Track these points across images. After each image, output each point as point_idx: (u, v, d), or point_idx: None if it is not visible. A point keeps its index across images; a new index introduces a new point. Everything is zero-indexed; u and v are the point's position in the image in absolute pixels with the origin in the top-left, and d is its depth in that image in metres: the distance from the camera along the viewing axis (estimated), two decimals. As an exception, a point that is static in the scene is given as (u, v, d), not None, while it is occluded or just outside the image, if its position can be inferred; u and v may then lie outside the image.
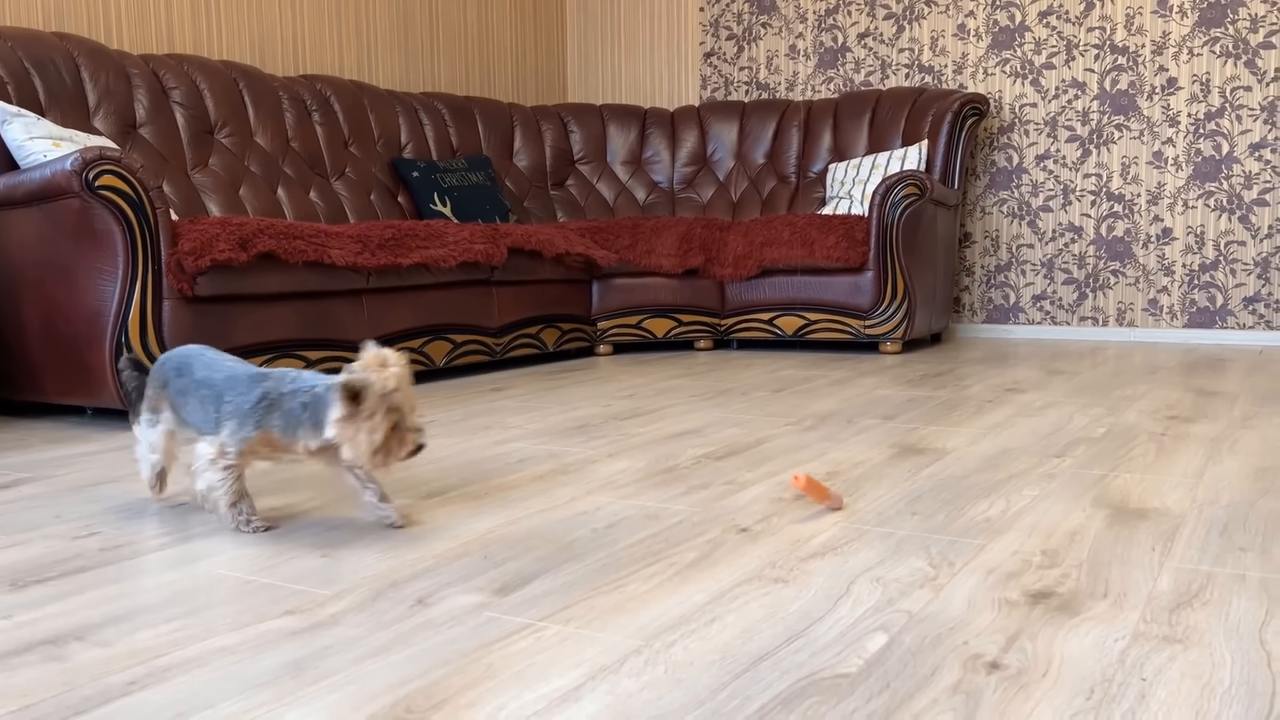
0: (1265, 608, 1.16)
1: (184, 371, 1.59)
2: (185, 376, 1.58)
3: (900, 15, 4.64)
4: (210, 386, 1.54)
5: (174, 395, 1.59)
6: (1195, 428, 2.27)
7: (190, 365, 1.59)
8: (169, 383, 1.61)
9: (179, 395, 1.58)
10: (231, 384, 1.53)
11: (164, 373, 1.62)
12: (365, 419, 1.44)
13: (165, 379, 1.61)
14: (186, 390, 1.57)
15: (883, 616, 1.16)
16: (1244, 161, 4.10)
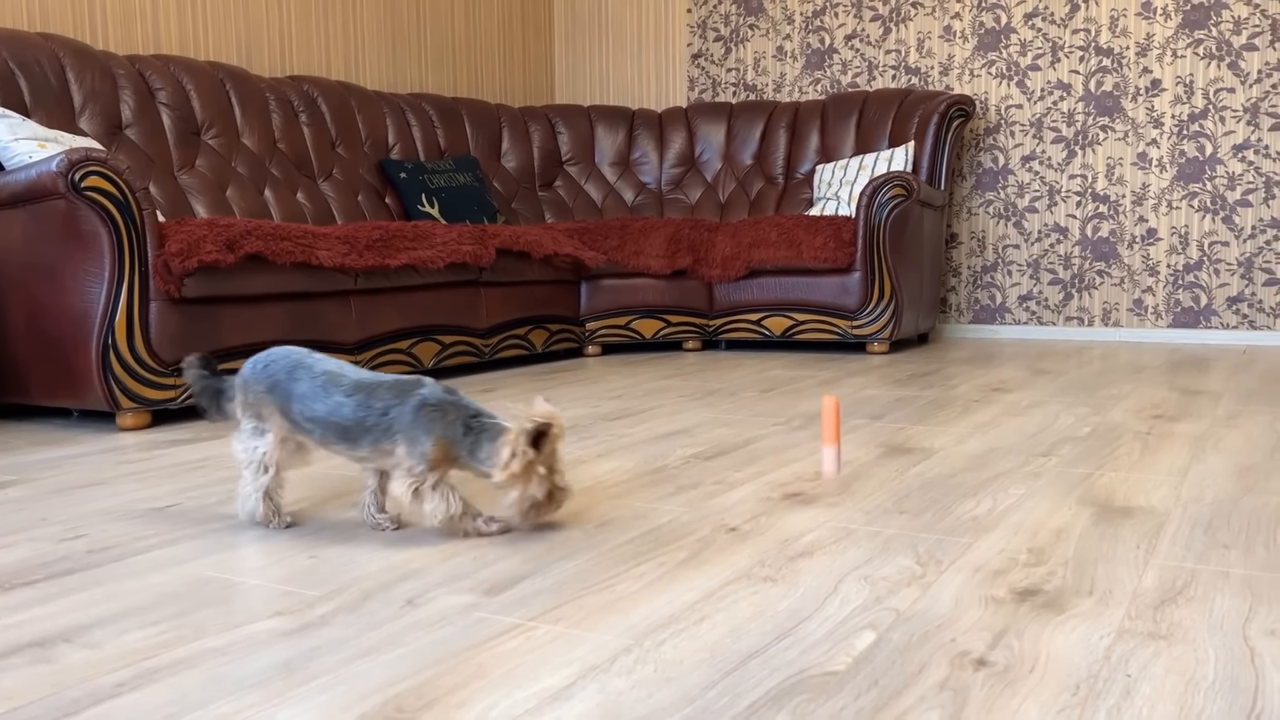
0: (1249, 604, 1.17)
1: (293, 394, 1.49)
2: (299, 380, 1.49)
3: (887, 17, 4.66)
4: (336, 409, 1.46)
5: (283, 399, 1.50)
6: (1180, 426, 2.29)
7: (300, 382, 1.50)
8: (277, 385, 1.50)
9: (293, 399, 1.49)
10: (361, 403, 1.46)
11: (270, 374, 1.51)
12: (536, 471, 1.44)
13: (273, 381, 1.51)
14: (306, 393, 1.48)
15: (871, 614, 1.16)
16: (1227, 163, 4.13)
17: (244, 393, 1.54)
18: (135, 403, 2.49)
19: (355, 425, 1.46)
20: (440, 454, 1.44)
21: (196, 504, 1.75)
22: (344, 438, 1.47)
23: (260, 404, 1.52)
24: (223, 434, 2.43)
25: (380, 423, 1.45)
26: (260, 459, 1.53)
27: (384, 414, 1.45)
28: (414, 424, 1.44)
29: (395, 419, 1.44)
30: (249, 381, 1.53)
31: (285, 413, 1.51)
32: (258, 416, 1.53)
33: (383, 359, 3.15)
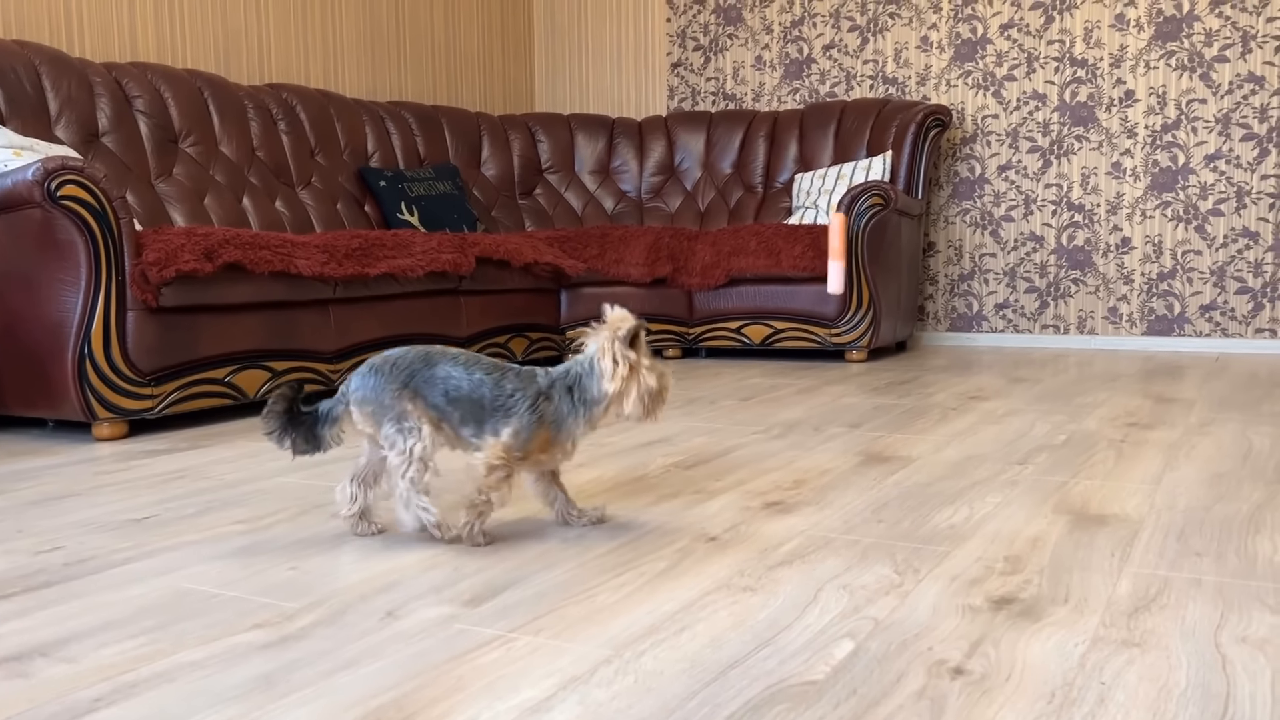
0: (1220, 611, 1.19)
1: (436, 376, 1.49)
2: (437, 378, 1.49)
3: (865, 28, 4.70)
4: (479, 385, 1.48)
5: (424, 385, 1.48)
6: (1154, 434, 2.32)
7: (439, 364, 1.50)
8: (415, 374, 1.49)
9: (436, 382, 1.48)
10: (496, 382, 1.49)
11: (403, 369, 1.50)
12: (642, 365, 1.49)
13: (410, 372, 1.49)
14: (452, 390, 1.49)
15: (849, 623, 1.17)
16: (1199, 172, 4.19)
17: (372, 403, 1.49)
18: (112, 413, 2.48)
19: (490, 403, 1.48)
20: (540, 442, 1.49)
21: (174, 515, 1.74)
22: (477, 417, 1.49)
23: (399, 402, 1.48)
24: (200, 445, 2.41)
25: (505, 405, 1.48)
26: (419, 457, 1.47)
27: (510, 395, 1.48)
28: (529, 411, 1.48)
29: (515, 404, 1.48)
30: (379, 387, 1.49)
31: (430, 399, 1.49)
32: (399, 418, 1.48)
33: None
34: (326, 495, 1.86)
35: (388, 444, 1.48)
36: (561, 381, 1.51)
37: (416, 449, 1.47)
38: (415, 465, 1.48)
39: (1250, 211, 4.12)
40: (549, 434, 1.49)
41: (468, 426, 1.49)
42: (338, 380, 3.06)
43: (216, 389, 2.71)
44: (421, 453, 1.48)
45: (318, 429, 1.53)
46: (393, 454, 1.48)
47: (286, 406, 1.53)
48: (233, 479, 2.02)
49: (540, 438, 1.49)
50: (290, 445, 1.53)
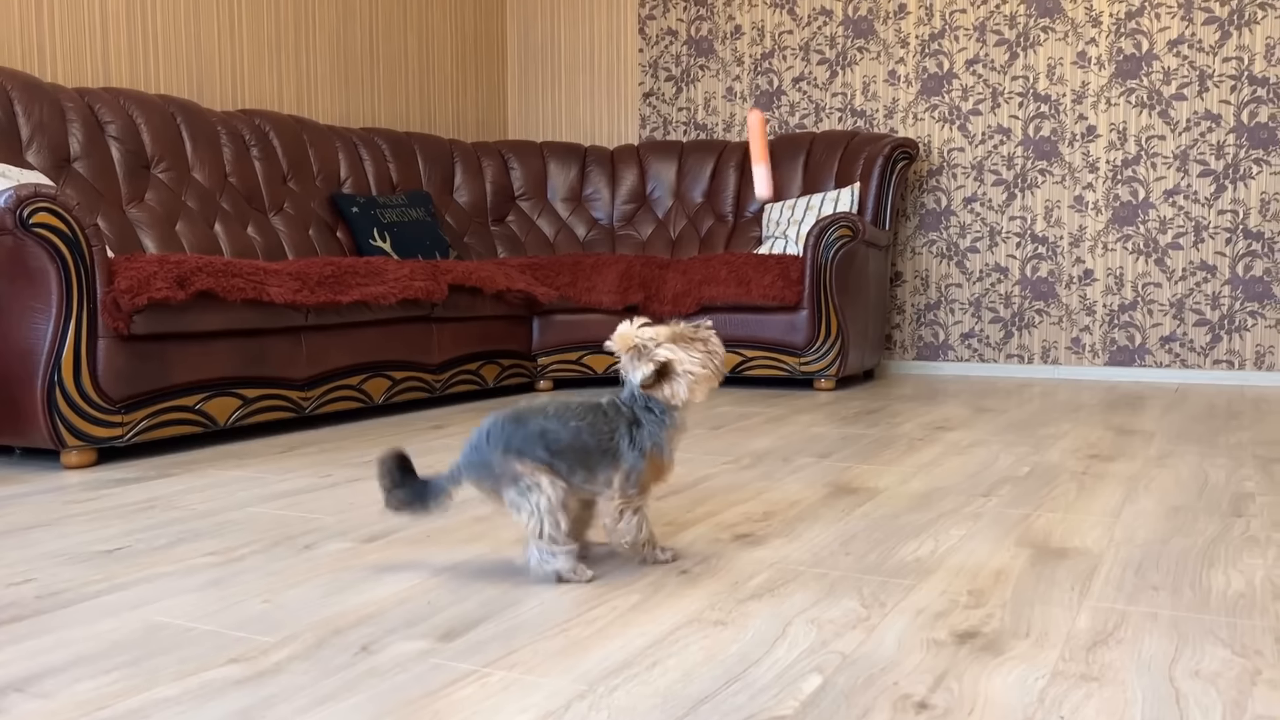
0: (1175, 645, 1.23)
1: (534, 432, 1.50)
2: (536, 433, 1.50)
3: (834, 61, 4.78)
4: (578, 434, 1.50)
5: (525, 444, 1.49)
6: (1114, 466, 2.37)
7: (532, 421, 1.51)
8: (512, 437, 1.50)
9: (536, 439, 1.49)
10: (592, 426, 1.50)
11: (499, 435, 1.50)
12: (681, 357, 1.50)
13: (506, 436, 1.50)
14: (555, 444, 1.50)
15: (817, 658, 1.20)
16: (1159, 207, 4.29)
17: (487, 477, 1.50)
18: (81, 440, 2.47)
19: (595, 449, 1.50)
20: (653, 471, 1.52)
21: (146, 546, 1.74)
22: (586, 464, 1.50)
23: (507, 465, 1.48)
24: (169, 473, 2.41)
25: (608, 447, 1.50)
26: (546, 511, 1.47)
27: (610, 438, 1.50)
28: (631, 449, 1.50)
29: (619, 445, 1.50)
30: (485, 460, 1.50)
31: (533, 455, 1.48)
32: (514, 480, 1.48)
33: (333, 395, 3.15)
34: (297, 526, 1.87)
35: (514, 509, 1.49)
36: (640, 404, 1.52)
37: (542, 503, 1.47)
38: (547, 519, 1.47)
39: (1208, 246, 4.23)
40: (656, 459, 1.52)
41: (577, 474, 1.50)
42: (309, 407, 3.06)
43: (187, 416, 2.70)
44: (548, 506, 1.47)
45: (428, 497, 1.54)
46: (521, 517, 1.48)
47: (399, 469, 1.55)
48: (203, 509, 2.02)
49: (652, 468, 1.52)
50: (394, 505, 1.55)
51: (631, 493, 1.52)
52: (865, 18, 4.71)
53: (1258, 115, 4.13)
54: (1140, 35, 4.28)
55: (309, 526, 1.87)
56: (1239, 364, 4.19)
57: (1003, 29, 4.49)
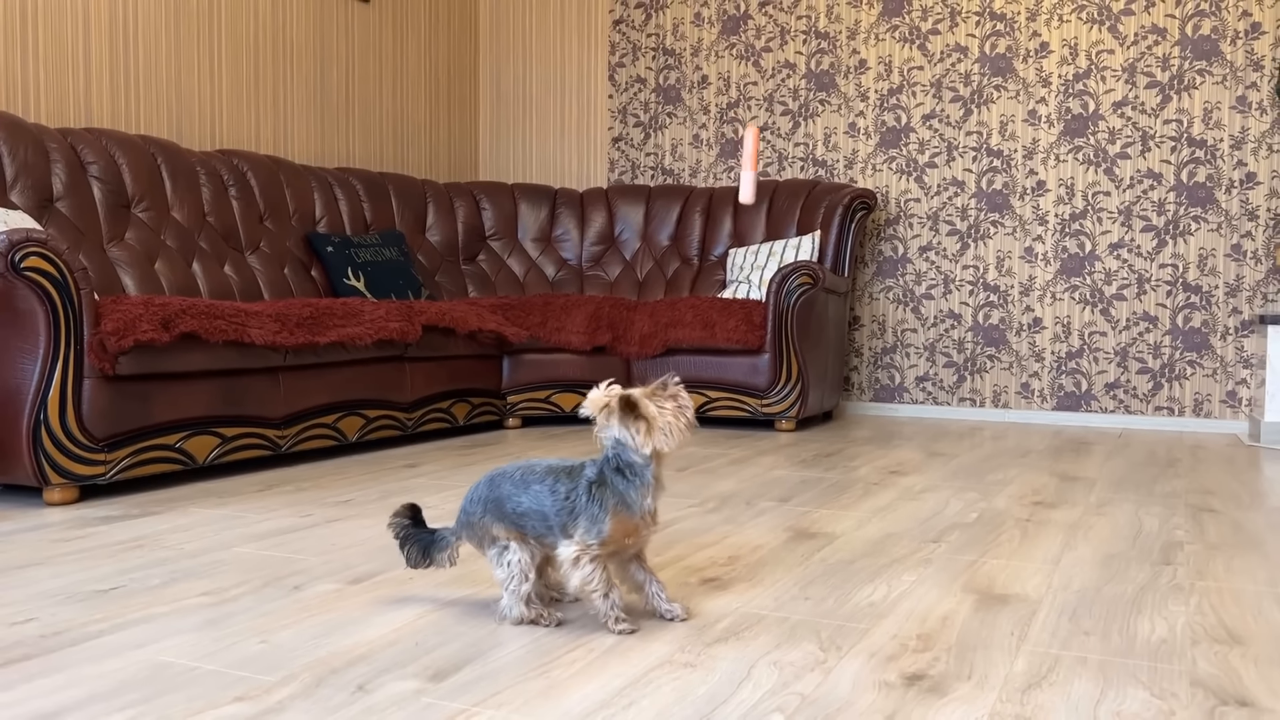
0: (1100, 688, 1.36)
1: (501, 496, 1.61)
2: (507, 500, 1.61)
3: (796, 112, 4.96)
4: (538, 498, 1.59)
5: (496, 507, 1.61)
6: (1056, 514, 2.52)
7: (502, 486, 1.62)
8: (488, 500, 1.62)
9: (505, 502, 1.61)
10: (551, 489, 1.58)
11: (480, 497, 1.63)
12: (652, 411, 1.55)
13: (485, 499, 1.62)
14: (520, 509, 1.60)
15: (779, 699, 1.31)
16: (1104, 259, 4.49)
17: (474, 536, 1.63)
18: (64, 478, 2.53)
19: (553, 513, 1.57)
20: (618, 527, 1.55)
21: (140, 585, 1.81)
22: (549, 525, 1.58)
23: (486, 528, 1.62)
24: (152, 511, 2.48)
25: (568, 507, 1.57)
26: (518, 571, 1.60)
27: (567, 498, 1.57)
28: (592, 503, 1.56)
29: (576, 503, 1.56)
30: (471, 521, 1.63)
31: (504, 518, 1.60)
32: (493, 540, 1.62)
33: (309, 433, 3.22)
34: (285, 567, 1.95)
35: (493, 565, 1.62)
36: (608, 465, 1.57)
37: (513, 565, 1.60)
38: (517, 577, 1.60)
39: (1150, 297, 4.43)
40: (622, 516, 1.56)
41: (549, 536, 1.59)
42: (285, 445, 3.13)
43: (167, 455, 2.77)
44: (520, 567, 1.59)
45: (433, 550, 1.66)
46: (499, 571, 1.61)
47: (410, 520, 1.68)
48: (191, 549, 2.10)
49: (617, 523, 1.55)
50: (405, 555, 1.67)
51: (591, 543, 1.55)
52: (827, 72, 4.90)
53: (1196, 175, 4.35)
54: (1087, 96, 4.50)
55: (296, 567, 1.95)
56: (1179, 410, 4.39)
57: (958, 86, 4.69)
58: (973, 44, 4.66)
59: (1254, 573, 1.97)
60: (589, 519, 1.55)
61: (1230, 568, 2.00)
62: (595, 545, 1.55)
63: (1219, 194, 4.32)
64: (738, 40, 5.07)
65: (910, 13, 4.76)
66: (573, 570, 1.56)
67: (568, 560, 1.56)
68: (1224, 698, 1.33)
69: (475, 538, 1.64)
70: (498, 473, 1.65)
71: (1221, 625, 1.63)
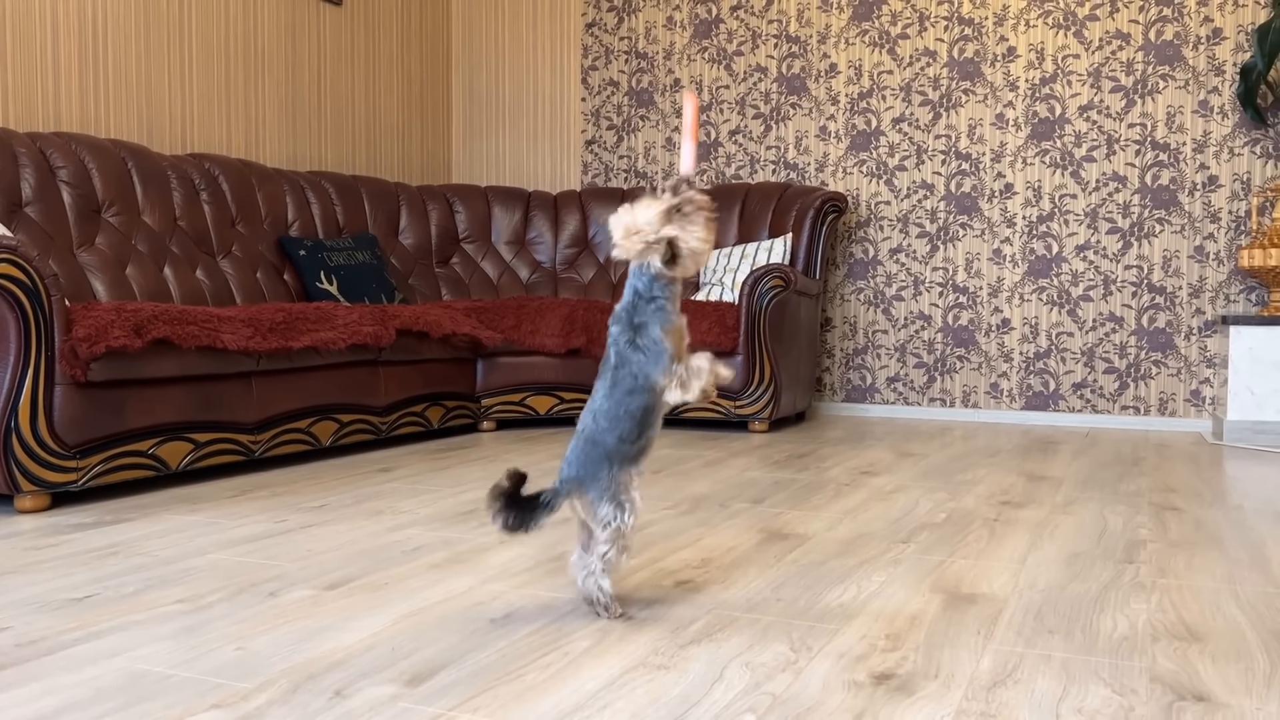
0: (1063, 685, 1.39)
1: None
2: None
3: (768, 115, 5.00)
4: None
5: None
6: (1023, 513, 2.56)
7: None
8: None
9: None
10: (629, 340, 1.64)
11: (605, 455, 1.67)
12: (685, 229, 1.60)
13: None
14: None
15: (751, 699, 1.34)
16: (1071, 261, 4.56)
17: (590, 487, 1.66)
18: (35, 485, 2.52)
19: (588, 477, 1.65)
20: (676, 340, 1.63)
21: (114, 593, 1.82)
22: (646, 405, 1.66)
23: (613, 480, 1.66)
24: (125, 518, 2.47)
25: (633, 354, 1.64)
26: (625, 534, 1.65)
27: (636, 337, 1.64)
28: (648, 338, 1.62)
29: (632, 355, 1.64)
30: (598, 473, 1.66)
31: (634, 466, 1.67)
32: (614, 494, 1.65)
33: (282, 438, 3.22)
34: (259, 573, 1.96)
35: (600, 524, 1.64)
36: (642, 301, 1.64)
37: (624, 528, 1.64)
38: (618, 546, 1.64)
39: (1116, 298, 4.50)
40: (671, 330, 1.64)
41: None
42: (259, 450, 3.13)
43: (140, 461, 2.77)
44: (627, 529, 1.65)
45: (538, 513, 1.67)
46: (604, 532, 1.64)
47: (512, 488, 1.68)
48: (166, 555, 2.10)
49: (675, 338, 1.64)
50: (507, 524, 1.66)
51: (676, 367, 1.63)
52: (798, 75, 4.94)
53: (1160, 178, 4.43)
54: (1054, 100, 4.56)
55: (270, 573, 1.96)
56: (1144, 410, 4.47)
57: (927, 90, 4.74)
58: (941, 48, 4.72)
59: (1213, 570, 2.01)
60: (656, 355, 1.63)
61: (1191, 565, 2.05)
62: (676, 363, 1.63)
63: (1182, 196, 4.40)
64: (709, 44, 5.10)
65: (880, 18, 4.81)
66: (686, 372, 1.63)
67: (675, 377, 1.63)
68: (1182, 693, 1.37)
69: (590, 493, 1.64)
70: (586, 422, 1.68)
71: (1181, 622, 1.68)
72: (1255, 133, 4.30)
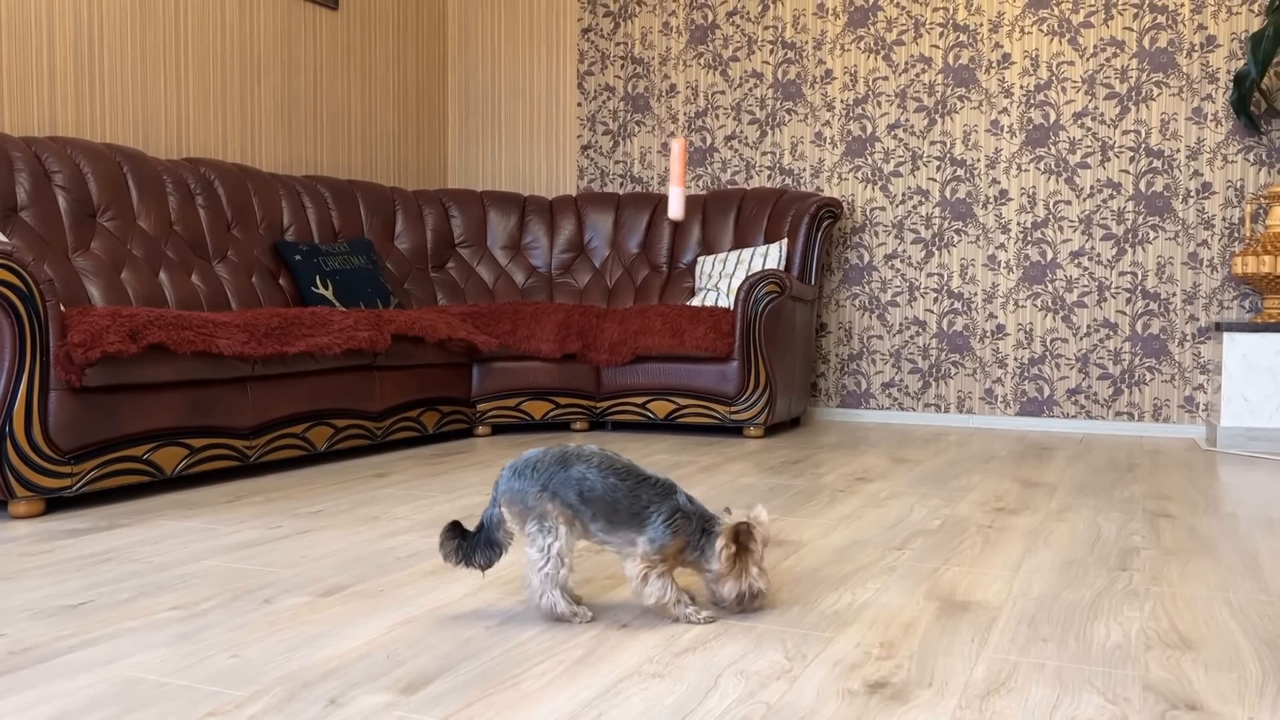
0: (1057, 694, 1.40)
1: (574, 476, 1.65)
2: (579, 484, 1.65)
3: (763, 121, 5.01)
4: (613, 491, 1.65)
5: (561, 486, 1.65)
6: (1018, 520, 2.57)
7: (574, 466, 1.66)
8: (553, 476, 1.65)
9: (572, 483, 1.65)
10: (631, 490, 1.65)
11: (540, 472, 1.66)
12: (748, 566, 1.68)
13: (548, 475, 1.65)
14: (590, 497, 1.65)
15: (745, 708, 1.34)
16: (1065, 267, 4.57)
17: (519, 504, 1.66)
18: (30, 491, 2.51)
19: (623, 510, 1.64)
20: (674, 549, 1.66)
21: (109, 600, 1.81)
22: (609, 518, 1.65)
23: (540, 503, 1.65)
24: (120, 523, 2.47)
25: (640, 514, 1.65)
26: (556, 554, 1.64)
27: (645, 507, 1.65)
28: (665, 525, 1.64)
29: (651, 516, 1.64)
30: (523, 490, 1.65)
31: (565, 498, 1.65)
32: (540, 518, 1.65)
33: (277, 443, 3.22)
34: (254, 580, 1.96)
35: (529, 540, 1.66)
36: (702, 520, 1.68)
37: (553, 548, 1.64)
38: (552, 562, 1.65)
39: (1110, 304, 4.52)
40: (681, 543, 1.66)
41: (597, 523, 1.66)
42: (254, 455, 3.13)
43: (135, 466, 2.76)
44: (558, 552, 1.65)
45: (493, 535, 1.68)
46: (533, 550, 1.66)
47: (457, 535, 1.69)
48: (160, 562, 2.09)
49: (675, 546, 1.66)
50: (478, 563, 1.69)
51: (655, 558, 1.65)
52: (794, 81, 4.95)
53: (1154, 185, 4.44)
54: (1048, 107, 4.58)
55: (265, 580, 1.96)
56: (1138, 416, 4.48)
57: (922, 96, 4.76)
58: (936, 55, 4.73)
59: (1207, 577, 2.02)
60: (654, 533, 1.65)
61: (1184, 573, 2.06)
62: (657, 559, 1.65)
63: (1176, 203, 4.42)
64: (705, 50, 5.11)
65: (875, 24, 4.83)
66: (642, 587, 1.66)
67: (636, 577, 1.65)
68: (1174, 702, 1.37)
69: (521, 511, 1.66)
70: (571, 451, 1.69)
71: (1174, 630, 1.68)
72: (1249, 140, 4.32)
